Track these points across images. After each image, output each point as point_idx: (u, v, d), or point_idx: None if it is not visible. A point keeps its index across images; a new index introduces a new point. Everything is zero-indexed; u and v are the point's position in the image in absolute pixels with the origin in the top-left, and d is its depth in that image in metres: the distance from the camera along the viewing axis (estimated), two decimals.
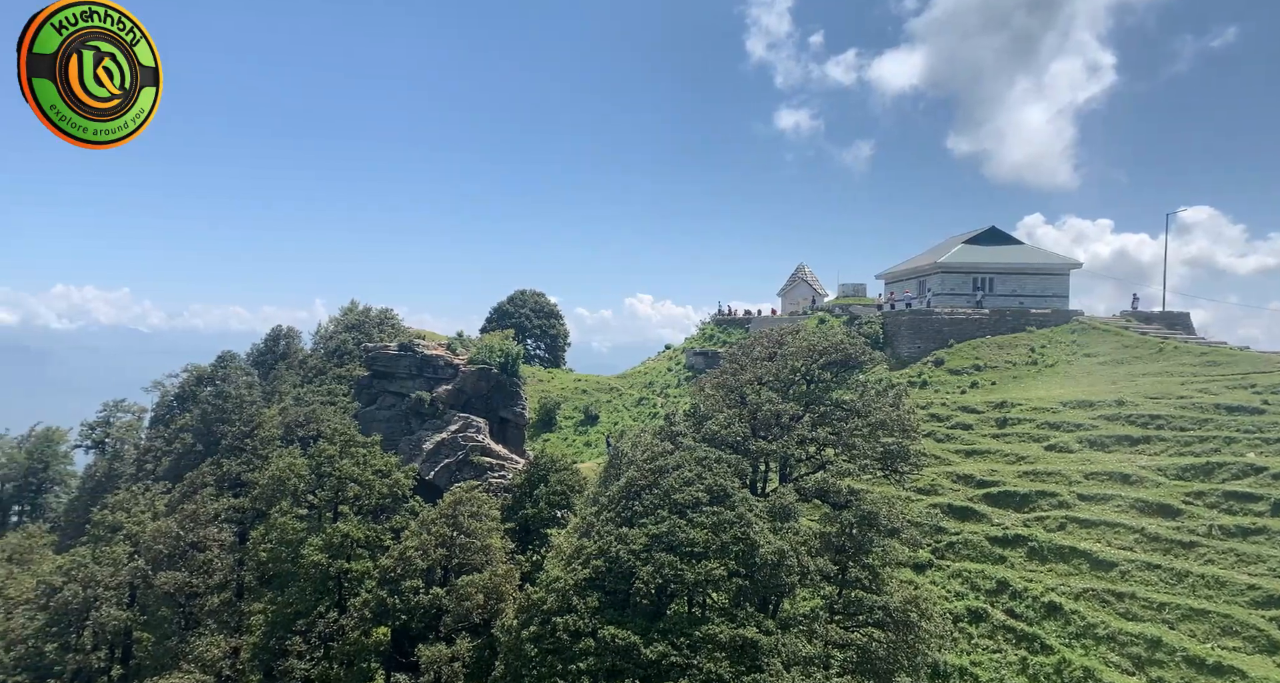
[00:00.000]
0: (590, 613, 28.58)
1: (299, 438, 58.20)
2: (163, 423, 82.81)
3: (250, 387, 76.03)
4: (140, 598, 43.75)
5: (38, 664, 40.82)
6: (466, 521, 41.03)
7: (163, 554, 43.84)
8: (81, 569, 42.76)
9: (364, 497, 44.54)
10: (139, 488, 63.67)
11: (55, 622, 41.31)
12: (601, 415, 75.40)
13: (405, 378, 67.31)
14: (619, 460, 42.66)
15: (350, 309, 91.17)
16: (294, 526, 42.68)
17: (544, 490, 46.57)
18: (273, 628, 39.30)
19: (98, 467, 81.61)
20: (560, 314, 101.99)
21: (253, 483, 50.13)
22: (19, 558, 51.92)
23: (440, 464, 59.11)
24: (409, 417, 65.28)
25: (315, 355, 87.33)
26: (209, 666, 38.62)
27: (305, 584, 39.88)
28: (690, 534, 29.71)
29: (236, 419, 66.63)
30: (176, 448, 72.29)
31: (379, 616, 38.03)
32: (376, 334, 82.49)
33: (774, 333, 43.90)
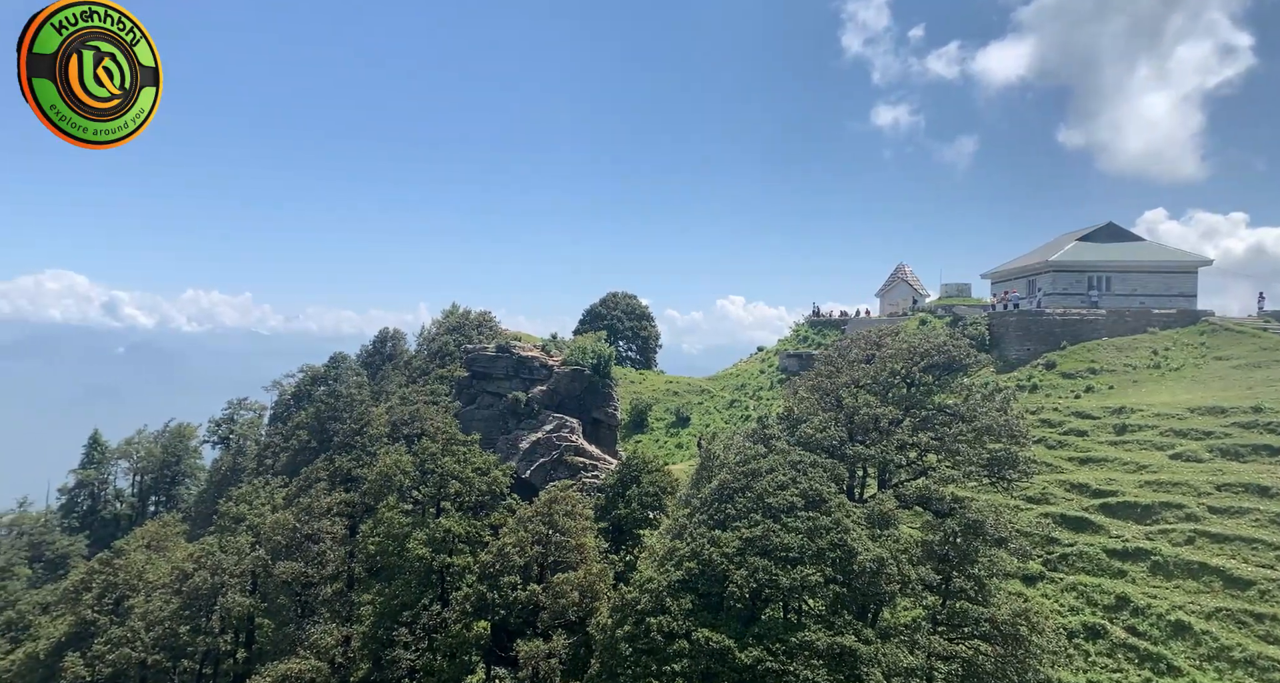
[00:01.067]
0: (684, 615, 28.55)
1: (404, 436, 60.60)
2: (281, 420, 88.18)
3: (360, 386, 79.96)
4: (261, 586, 46.59)
5: (173, 644, 44.06)
6: (561, 519, 41.72)
7: (281, 545, 46.54)
8: (210, 557, 45.92)
9: (464, 494, 45.93)
10: (260, 482, 67.96)
11: (188, 606, 44.49)
12: (693, 417, 75.29)
13: (502, 378, 69.15)
14: (711, 463, 42.41)
15: (451, 312, 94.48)
16: (400, 520, 44.42)
17: (636, 491, 46.86)
18: (381, 619, 41.06)
19: (223, 461, 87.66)
20: (651, 316, 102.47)
21: (362, 478, 52.56)
22: (156, 545, 56.19)
23: (536, 463, 60.43)
24: (506, 416, 67.02)
25: (419, 356, 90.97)
26: (323, 653, 40.68)
27: (410, 577, 41.49)
28: (785, 539, 29.25)
29: (347, 417, 70.14)
30: (293, 444, 76.79)
31: (479, 610, 39.15)
32: (476, 336, 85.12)
33: (872, 334, 42.74)
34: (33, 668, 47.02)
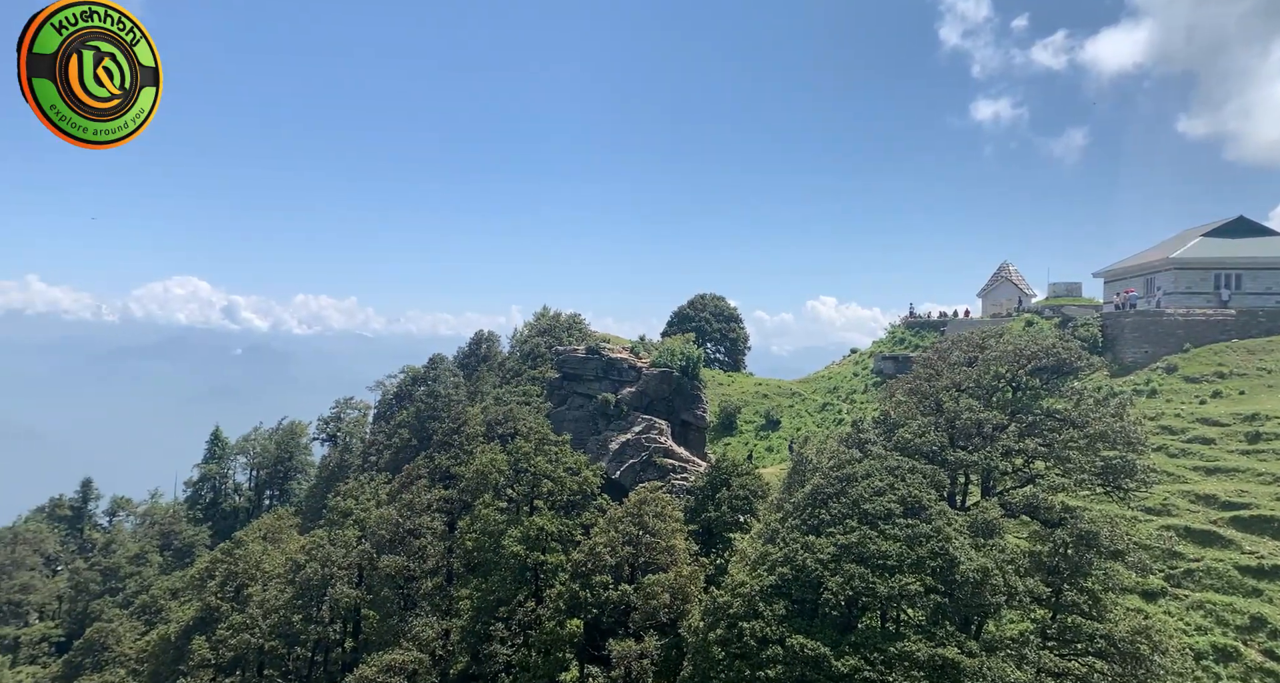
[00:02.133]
0: (777, 621, 28.16)
1: (499, 435, 62.19)
2: (384, 419, 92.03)
3: (457, 387, 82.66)
4: (367, 578, 48.73)
5: (287, 632, 46.62)
6: (651, 520, 41.88)
7: (385, 539, 48.54)
8: (320, 550, 48.32)
9: (556, 493, 46.73)
10: (365, 478, 71.09)
11: (300, 596, 46.97)
12: (783, 421, 74.24)
13: (592, 380, 70.06)
14: (803, 467, 41.73)
15: (542, 314, 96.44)
16: (495, 517, 45.61)
17: (726, 494, 46.56)
18: (478, 613, 42.26)
19: (331, 458, 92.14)
20: (740, 318, 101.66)
21: (460, 476, 54.24)
22: (272, 537, 59.60)
23: (625, 464, 60.92)
24: (596, 417, 67.86)
25: (512, 358, 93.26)
26: (424, 645, 42.17)
27: (506, 573, 42.53)
28: (882, 546, 28.45)
29: (445, 416, 72.55)
30: (395, 442, 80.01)
31: (572, 608, 39.74)
32: (566, 338, 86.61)
33: (974, 336, 41.07)
34: (165, 649, 50.65)
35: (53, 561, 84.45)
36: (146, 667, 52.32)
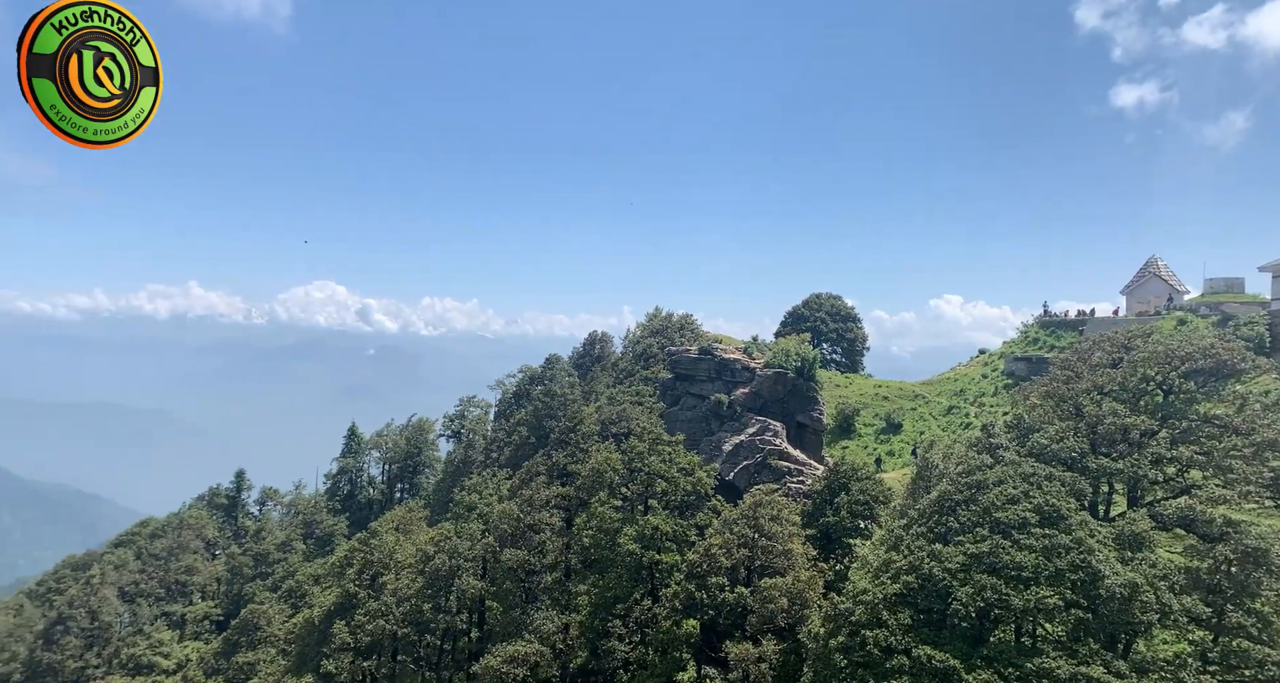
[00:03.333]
0: (902, 630, 27.23)
1: (613, 435, 63.10)
2: (504, 417, 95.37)
3: (572, 386, 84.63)
4: (490, 571, 50.62)
5: (418, 620, 49.11)
6: (767, 523, 41.39)
7: (506, 533, 50.28)
8: (447, 542, 50.62)
9: (670, 493, 46.94)
10: (487, 474, 73.94)
11: (430, 585, 49.38)
12: (905, 424, 71.59)
13: (704, 380, 69.87)
14: (928, 472, 40.18)
15: (654, 315, 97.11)
16: (611, 515, 46.29)
17: (845, 499, 45.40)
18: (596, 609, 43.08)
19: (456, 454, 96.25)
20: (858, 317, 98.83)
21: (576, 474, 55.42)
22: (403, 528, 62.91)
23: (739, 466, 60.39)
24: (709, 418, 67.64)
25: (624, 358, 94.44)
26: (545, 638, 43.40)
27: (622, 571, 43.13)
28: (1016, 557, 26.99)
29: (562, 415, 74.38)
30: (515, 439, 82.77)
31: (688, 608, 39.86)
32: (678, 338, 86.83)
33: (1118, 336, 38.28)
34: (309, 631, 54.46)
35: (212, 545, 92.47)
36: (294, 648, 56.37)
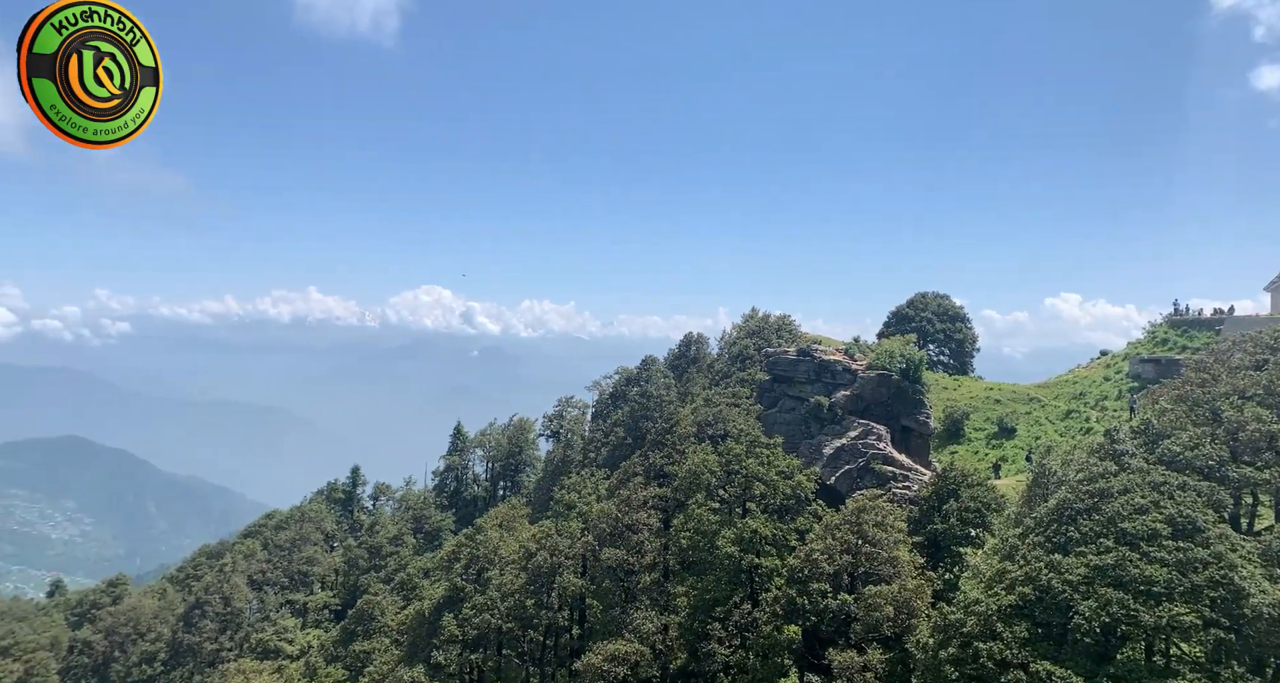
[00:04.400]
0: (1018, 643, 25.95)
1: (709, 436, 62.86)
2: (601, 417, 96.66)
3: (668, 388, 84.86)
4: (590, 569, 51.39)
5: (522, 615, 50.38)
6: (871, 530, 40.27)
7: (605, 533, 50.91)
8: (548, 539, 51.69)
9: (769, 496, 46.38)
10: (586, 473, 75.16)
11: (532, 582, 50.56)
12: (1019, 428, 68.17)
13: (803, 382, 68.60)
14: (1045, 479, 38.19)
15: (750, 316, 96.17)
16: (708, 517, 46.15)
17: (954, 506, 43.62)
18: (695, 611, 43.04)
19: (555, 453, 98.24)
20: (966, 317, 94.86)
21: (673, 475, 55.53)
22: (506, 525, 64.67)
23: (841, 470, 59.00)
24: (808, 421, 66.38)
25: (720, 360, 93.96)
26: (645, 638, 43.64)
27: (720, 574, 42.91)
28: (1146, 570, 25.27)
29: (658, 416, 74.78)
30: (612, 440, 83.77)
31: (789, 614, 39.24)
32: (775, 340, 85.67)
33: (1262, 336, 35.29)
34: (420, 623, 56.76)
35: (330, 537, 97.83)
36: (406, 638, 58.86)
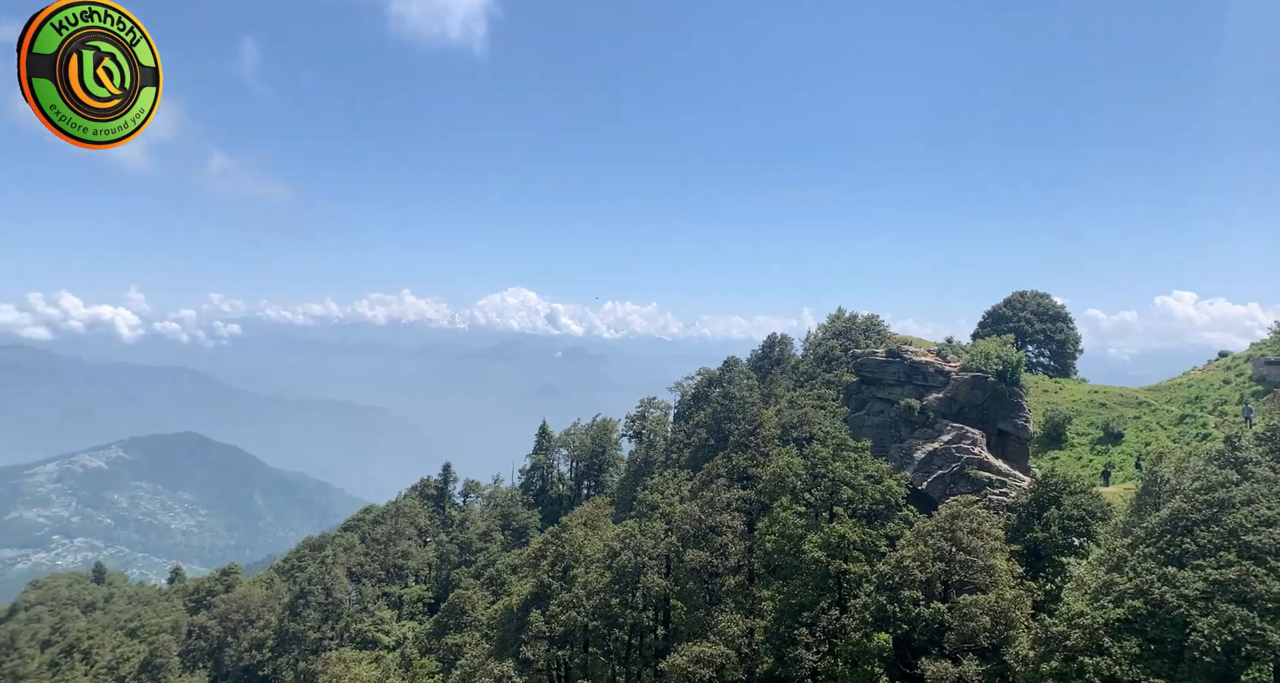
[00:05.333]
0: (1128, 660, 24.55)
1: (794, 439, 62.04)
2: (683, 418, 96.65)
3: (751, 389, 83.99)
4: (674, 570, 51.45)
5: (607, 614, 50.89)
6: (966, 537, 38.89)
7: (689, 534, 50.88)
8: (632, 539, 52.03)
9: (857, 501, 45.39)
10: (669, 474, 75.20)
11: (617, 581, 50.99)
12: (1127, 434, 64.43)
13: (893, 384, 66.79)
14: (1157, 488, 35.97)
15: (837, 317, 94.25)
16: (794, 521, 45.48)
17: (1056, 514, 41.60)
18: (781, 616, 42.49)
19: (638, 453, 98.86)
20: (1068, 317, 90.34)
21: (757, 477, 54.98)
22: (591, 524, 65.54)
23: (933, 475, 57.15)
24: (898, 424, 64.58)
25: (805, 361, 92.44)
26: (730, 641, 43.36)
27: (807, 579, 42.21)
28: (1272, 587, 23.47)
29: (741, 418, 74.14)
30: (694, 441, 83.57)
31: (879, 621, 38.27)
32: (863, 340, 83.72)
33: None
34: (509, 619, 58.11)
35: (423, 532, 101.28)
36: (495, 633, 60.35)
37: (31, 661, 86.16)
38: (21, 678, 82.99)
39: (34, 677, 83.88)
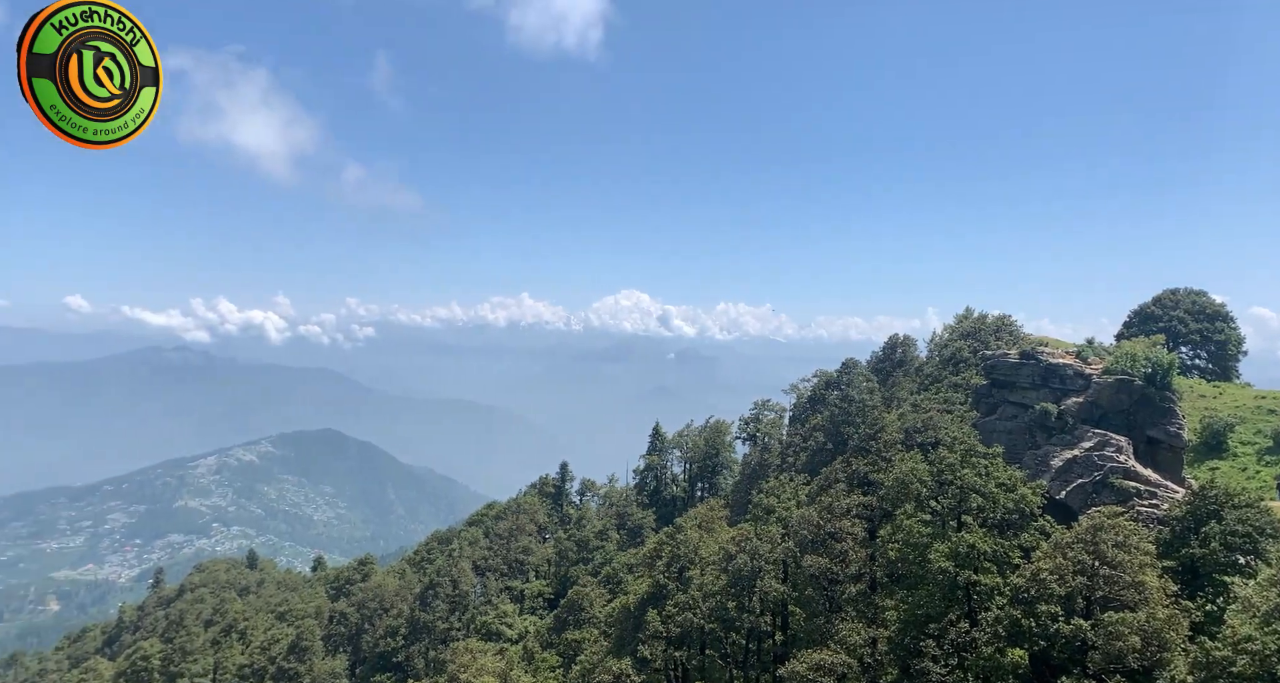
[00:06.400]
0: None
1: (918, 444, 59.74)
2: (799, 421, 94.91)
3: (871, 392, 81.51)
4: (791, 576, 50.62)
5: (723, 617, 50.68)
6: (1110, 550, 36.34)
7: (807, 539, 49.91)
8: (748, 542, 51.58)
9: (987, 509, 43.28)
10: (785, 478, 74.10)
11: (733, 584, 50.67)
12: None
13: (1027, 388, 63.16)
14: None
15: (964, 317, 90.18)
16: (919, 529, 43.81)
17: (1216, 528, 38.18)
18: (906, 626, 40.97)
19: (752, 456, 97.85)
20: (1229, 316, 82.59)
21: (878, 483, 53.29)
22: (705, 526, 65.41)
23: (1072, 484, 53.64)
24: (1032, 429, 61.01)
25: (930, 363, 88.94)
26: (852, 650, 42.20)
27: (934, 589, 40.52)
28: None
29: (861, 422, 72.11)
30: (810, 445, 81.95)
31: (1013, 636, 36.27)
32: (993, 342, 79.80)
33: None
34: (626, 617, 58.91)
35: (542, 529, 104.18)
36: (613, 631, 61.32)
37: (197, 637, 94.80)
38: (189, 653, 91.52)
39: (199, 652, 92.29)
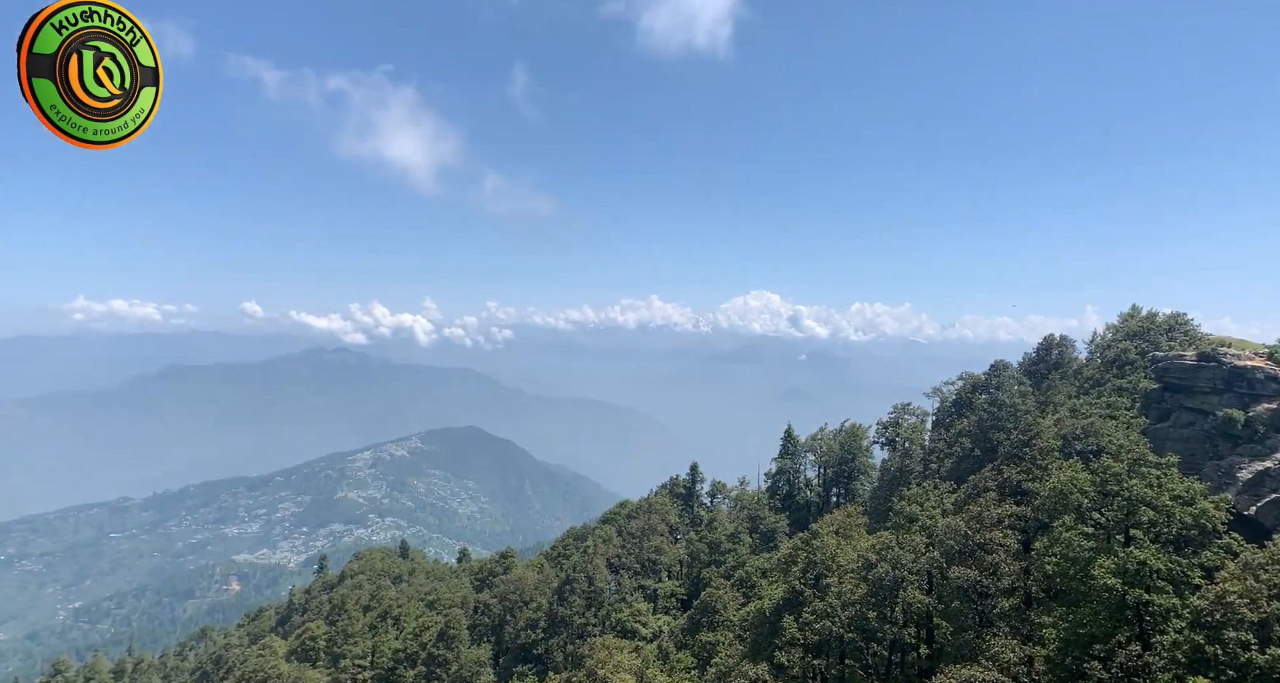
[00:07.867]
0: None
1: (1077, 451, 55.62)
2: (943, 426, 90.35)
3: (1024, 396, 76.46)
4: (937, 588, 48.30)
5: (863, 627, 49.03)
6: None
7: (953, 550, 47.49)
8: (889, 551, 49.67)
9: (1160, 524, 39.97)
10: (928, 485, 70.86)
11: (873, 593, 48.96)
12: None
13: (1206, 392, 57.51)
14: None
15: (1131, 315, 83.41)
16: (1080, 543, 40.89)
17: None
18: (1067, 646, 38.17)
19: (891, 461, 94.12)
20: None
21: (1033, 492, 50.03)
22: (843, 532, 63.64)
23: (1265, 499, 48.38)
24: (1214, 438, 55.44)
25: (1090, 365, 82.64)
26: (1005, 668, 39.66)
27: (1098, 607, 37.61)
28: None
29: (1012, 427, 67.78)
30: (956, 451, 77.87)
31: (1195, 663, 33.02)
32: (1165, 342, 73.41)
33: None
34: (760, 622, 58.25)
35: (674, 530, 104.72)
36: (748, 635, 60.79)
37: (356, 621, 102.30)
38: (350, 636, 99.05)
39: (359, 635, 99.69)
